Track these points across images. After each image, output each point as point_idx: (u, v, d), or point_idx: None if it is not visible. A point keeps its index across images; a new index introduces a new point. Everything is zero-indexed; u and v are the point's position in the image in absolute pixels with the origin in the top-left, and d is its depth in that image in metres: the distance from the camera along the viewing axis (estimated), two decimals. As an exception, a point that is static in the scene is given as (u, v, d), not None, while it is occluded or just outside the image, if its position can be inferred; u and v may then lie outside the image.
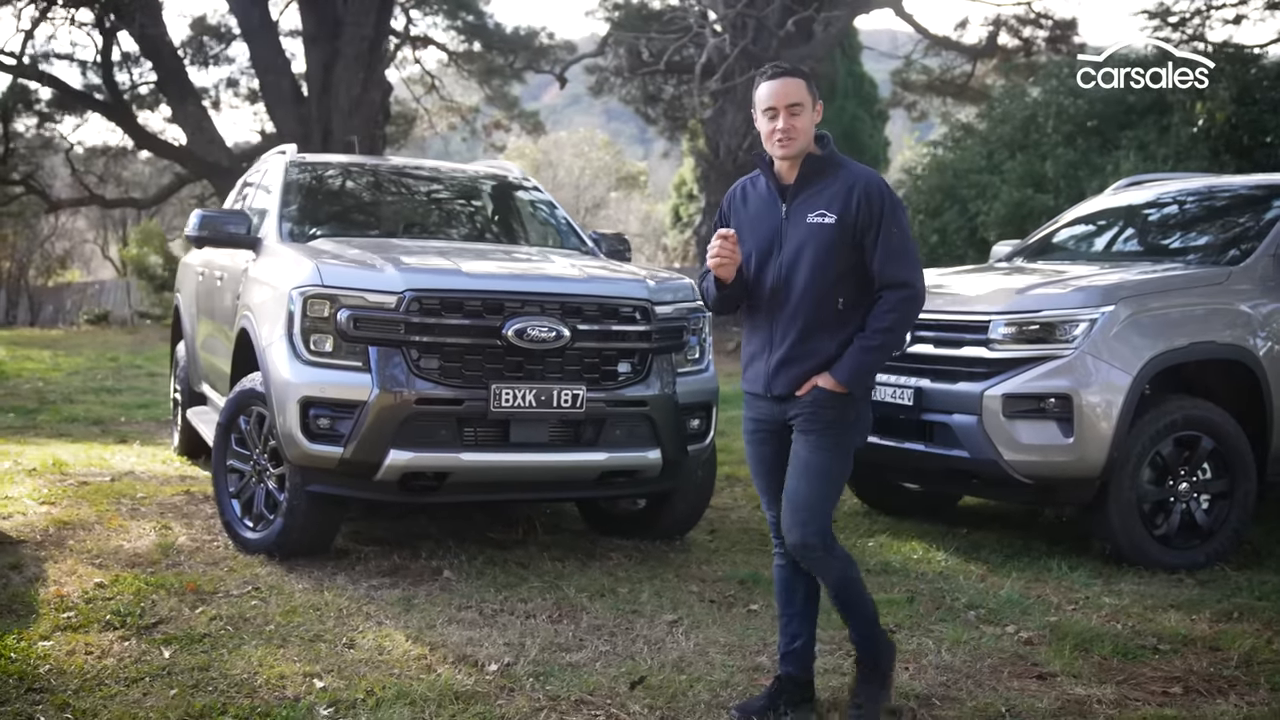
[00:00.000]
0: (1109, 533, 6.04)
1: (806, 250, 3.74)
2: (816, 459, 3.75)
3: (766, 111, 3.78)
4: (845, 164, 3.84)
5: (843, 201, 3.73)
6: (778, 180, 3.85)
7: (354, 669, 4.36)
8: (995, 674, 4.47)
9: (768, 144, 3.81)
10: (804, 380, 3.76)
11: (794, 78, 3.79)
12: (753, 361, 3.90)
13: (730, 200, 3.99)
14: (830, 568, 3.82)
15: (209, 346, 7.83)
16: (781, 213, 3.82)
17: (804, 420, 3.77)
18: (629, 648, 4.67)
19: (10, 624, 4.76)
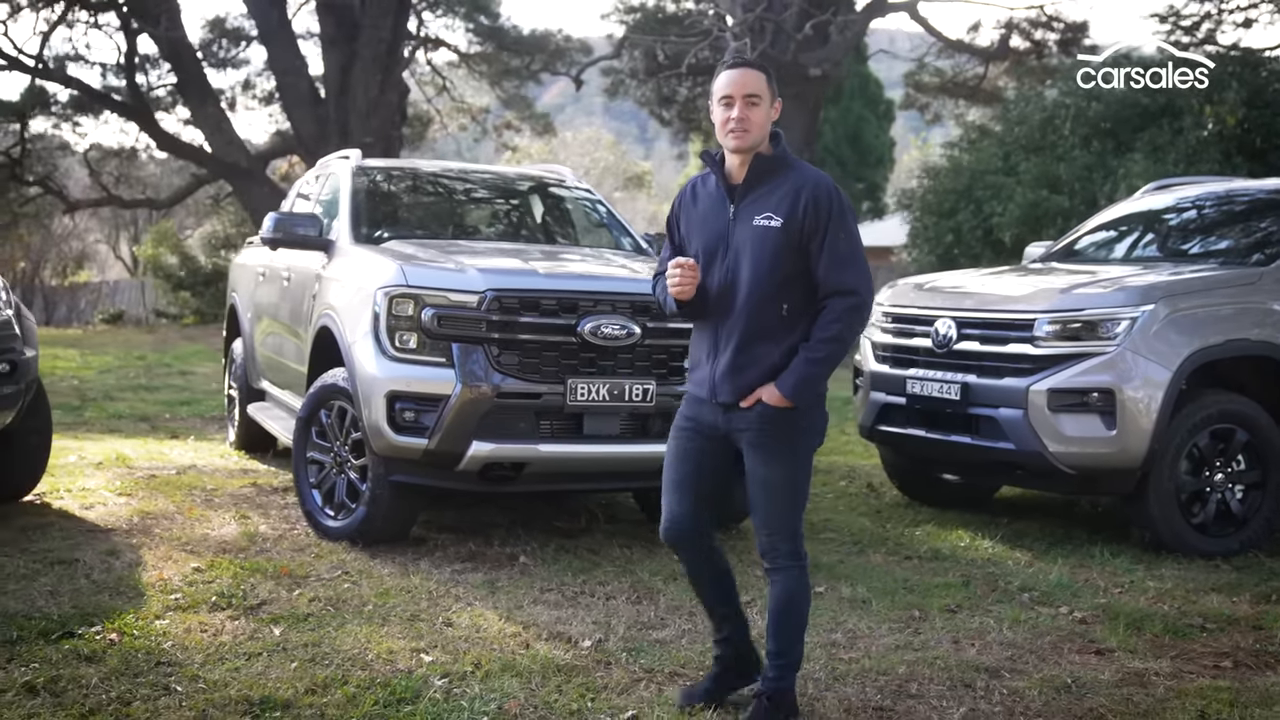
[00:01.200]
0: (1148, 521, 6.33)
1: (751, 253, 3.65)
2: (774, 473, 3.71)
3: (722, 100, 3.68)
4: (796, 165, 3.76)
5: (790, 204, 3.64)
6: (727, 179, 3.76)
7: (455, 645, 4.65)
8: (1056, 650, 4.76)
9: (721, 135, 3.70)
10: (749, 389, 3.68)
11: (755, 70, 3.72)
12: (698, 366, 3.83)
13: (681, 198, 3.91)
14: (791, 574, 3.79)
15: (271, 344, 8.11)
16: (729, 213, 3.72)
17: (753, 434, 3.71)
18: (709, 627, 4.95)
19: (123, 605, 5.05)
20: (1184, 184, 8.27)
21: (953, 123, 28.24)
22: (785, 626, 3.83)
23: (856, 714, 4.02)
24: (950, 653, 4.68)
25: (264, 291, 8.34)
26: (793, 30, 18.36)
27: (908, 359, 7.05)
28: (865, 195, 36.99)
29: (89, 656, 4.42)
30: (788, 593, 3.81)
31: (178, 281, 30.62)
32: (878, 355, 7.28)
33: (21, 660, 4.35)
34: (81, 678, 4.19)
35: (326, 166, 8.30)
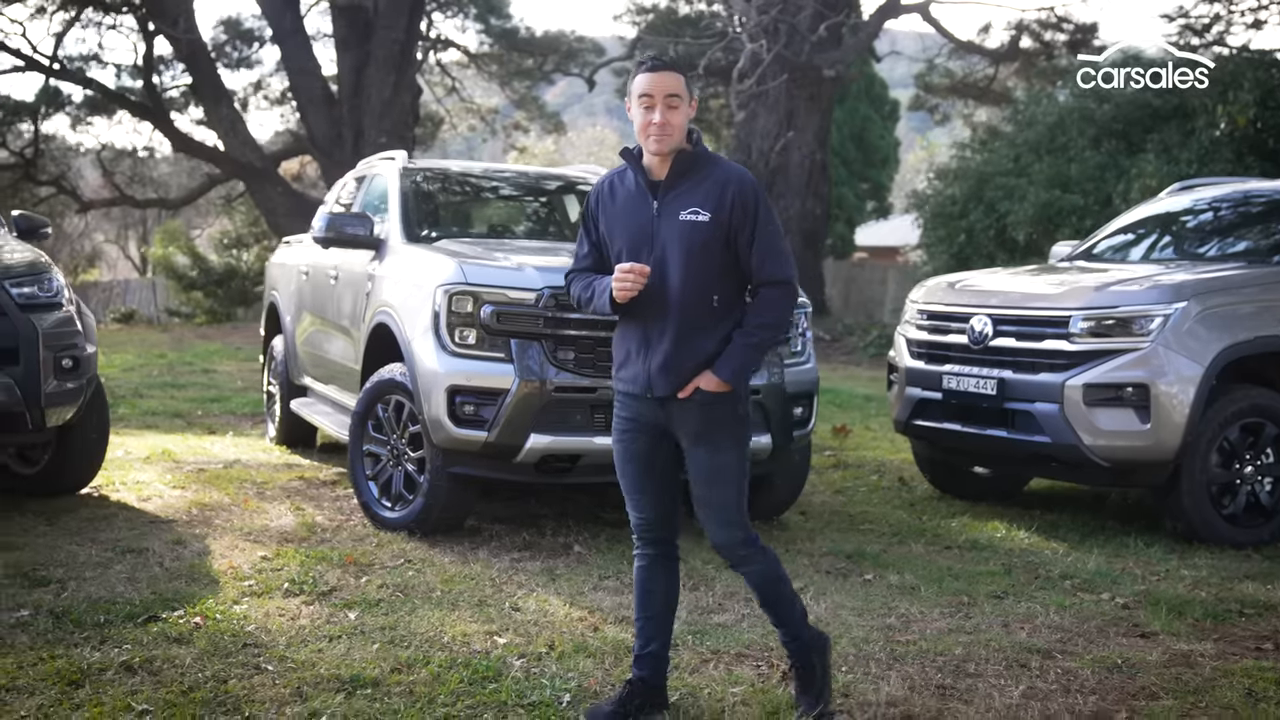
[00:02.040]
0: (1180, 512, 6.53)
1: (680, 248, 3.66)
2: (720, 462, 3.73)
3: (642, 99, 3.66)
4: (717, 161, 3.79)
5: (716, 199, 3.66)
6: (647, 176, 3.75)
7: (525, 628, 4.84)
8: (1103, 632, 4.95)
9: (641, 137, 3.69)
10: (685, 382, 3.69)
11: (673, 71, 3.71)
12: (628, 362, 3.81)
13: (598, 196, 3.88)
14: (756, 565, 3.82)
15: (316, 341, 8.30)
16: (653, 210, 3.72)
17: (694, 425, 3.72)
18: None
19: (200, 591, 5.24)
20: (1206, 185, 8.45)
21: (961, 122, 28.46)
22: (777, 604, 3.87)
23: (919, 691, 4.21)
24: (1002, 635, 4.87)
25: (308, 290, 8.52)
26: (807, 32, 18.54)
27: (943, 355, 7.24)
28: (870, 195, 37.16)
29: (177, 638, 4.61)
30: (765, 576, 3.83)
31: (189, 281, 30.79)
32: (913, 352, 7.47)
33: (114, 641, 4.54)
34: (174, 658, 4.37)
35: (370, 167, 8.48)
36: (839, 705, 4.05)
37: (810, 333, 6.67)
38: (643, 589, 3.96)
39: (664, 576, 3.95)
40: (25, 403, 6.30)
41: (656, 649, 3.94)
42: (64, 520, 6.51)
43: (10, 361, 6.26)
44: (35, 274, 6.59)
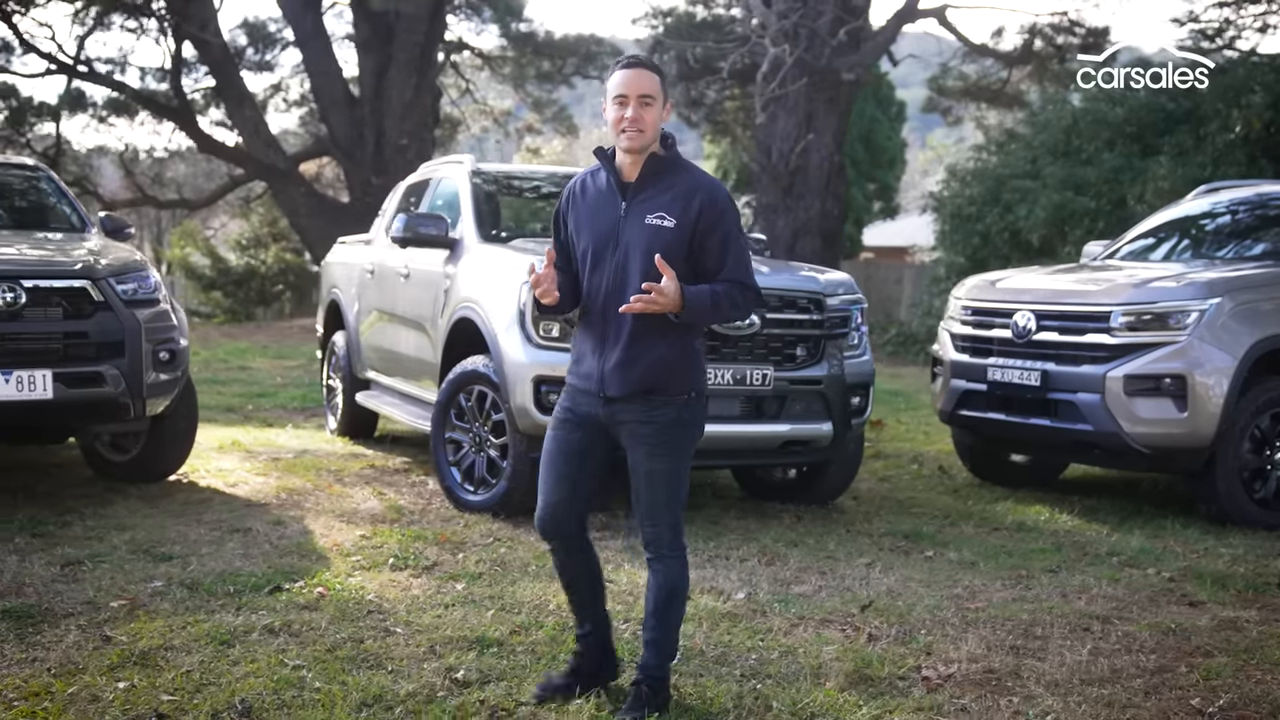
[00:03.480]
0: (1214, 496, 6.94)
1: (642, 251, 3.69)
2: (659, 466, 3.79)
3: (617, 99, 3.68)
4: (688, 168, 3.81)
5: (683, 206, 3.70)
6: (618, 176, 3.78)
7: (621, 597, 5.26)
8: (1154, 602, 5.37)
9: (614, 133, 3.72)
10: (640, 383, 3.74)
11: (649, 70, 3.73)
12: (584, 359, 3.84)
13: (570, 194, 3.90)
14: (670, 568, 3.87)
15: (384, 336, 8.70)
16: (620, 210, 3.75)
17: (637, 427, 3.77)
18: (841, 583, 5.57)
19: (312, 565, 5.65)
20: (1231, 187, 8.86)
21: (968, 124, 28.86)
22: (666, 615, 3.89)
23: (995, 650, 4.63)
24: (1061, 604, 5.29)
25: (373, 287, 8.92)
26: (827, 36, 18.95)
27: (986, 349, 7.65)
28: (878, 195, 37.56)
29: (306, 606, 5.02)
30: (670, 582, 3.87)
31: (208, 281, 31.21)
32: (957, 345, 7.88)
33: (249, 608, 4.95)
34: (309, 622, 4.78)
35: (435, 171, 8.88)
36: (923, 662, 4.46)
37: (865, 327, 7.07)
38: (564, 583, 4.08)
39: (580, 566, 4.01)
40: (130, 393, 6.71)
41: (593, 628, 4.04)
42: (164, 503, 6.92)
43: (116, 354, 6.68)
44: (135, 271, 7.00)
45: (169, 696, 3.98)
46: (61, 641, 4.51)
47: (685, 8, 24.40)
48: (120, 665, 4.26)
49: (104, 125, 29.14)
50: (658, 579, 3.90)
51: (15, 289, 6.38)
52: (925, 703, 4.05)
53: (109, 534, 6.13)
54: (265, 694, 4.01)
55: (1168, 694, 4.19)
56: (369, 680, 4.15)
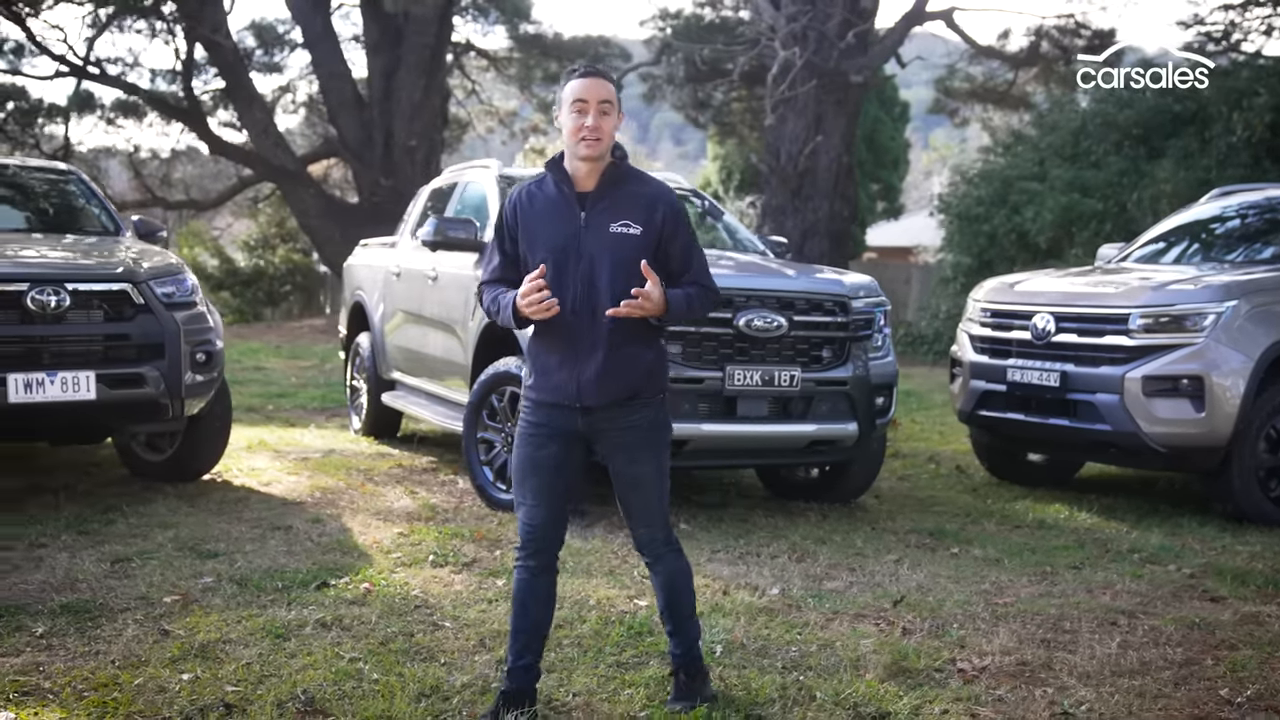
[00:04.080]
0: (1230, 495, 7.09)
1: (610, 260, 3.68)
2: (646, 469, 3.82)
3: (575, 104, 3.66)
4: (643, 176, 3.85)
5: (646, 213, 3.71)
6: (573, 185, 3.77)
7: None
8: (1177, 597, 5.52)
9: (571, 141, 3.69)
10: (625, 390, 3.75)
11: (606, 79, 3.73)
12: (553, 372, 3.77)
13: (515, 205, 3.83)
14: (670, 559, 3.94)
15: (409, 338, 8.85)
16: (580, 220, 3.72)
17: (621, 433, 3.77)
18: (871, 579, 5.72)
19: (355, 562, 5.80)
20: (1245, 190, 9.00)
21: (975, 125, 29.00)
22: (680, 605, 3.96)
23: (1026, 644, 4.77)
24: (1087, 599, 5.43)
25: (400, 290, 9.06)
26: (835, 38, 19.09)
27: (1005, 350, 7.80)
28: (881, 196, 37.73)
29: (354, 601, 5.17)
30: (674, 574, 3.94)
31: (216, 282, 31.33)
32: (976, 347, 8.03)
33: (299, 603, 5.10)
34: (359, 616, 4.93)
35: (460, 175, 9.01)
36: (958, 655, 4.61)
37: (888, 329, 7.22)
38: (521, 603, 3.86)
39: (544, 589, 3.88)
40: (169, 394, 6.86)
41: (530, 661, 3.88)
42: (203, 502, 7.07)
43: (157, 356, 6.83)
44: (173, 274, 7.15)
45: (232, 687, 4.12)
46: (121, 635, 4.65)
47: (693, 10, 24.55)
48: (181, 658, 4.40)
49: (112, 127, 29.31)
50: (661, 577, 3.98)
51: (59, 292, 6.52)
52: (963, 693, 4.20)
53: (153, 531, 6.28)
54: (325, 685, 4.15)
55: (1196, 685, 4.33)
56: (424, 672, 4.30)
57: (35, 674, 4.24)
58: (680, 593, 3.98)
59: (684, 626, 4.00)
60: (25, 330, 6.47)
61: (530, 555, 3.87)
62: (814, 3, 19.17)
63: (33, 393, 6.41)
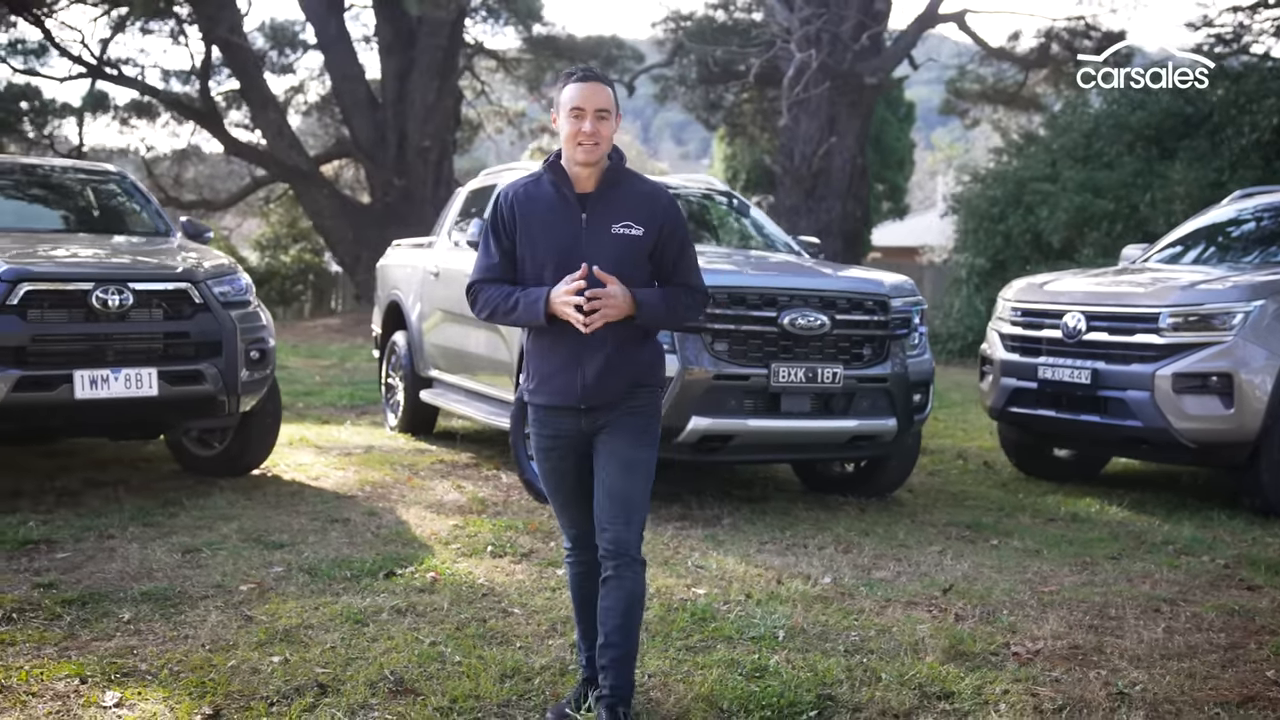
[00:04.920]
0: (1258, 489, 7.28)
1: (613, 260, 3.67)
2: (640, 455, 3.76)
3: (573, 112, 3.65)
4: (640, 178, 3.85)
5: (647, 214, 3.73)
6: (572, 186, 3.75)
7: (715, 581, 5.59)
8: (1214, 586, 5.71)
9: (569, 146, 3.68)
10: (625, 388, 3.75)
11: (602, 84, 3.72)
12: (554, 376, 3.76)
13: (511, 204, 3.79)
14: (637, 577, 3.79)
15: (449, 336, 9.03)
16: (580, 221, 3.72)
17: (622, 417, 3.76)
18: (917, 569, 5.92)
19: (416, 553, 5.99)
20: (1265, 193, 9.19)
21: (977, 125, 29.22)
22: (632, 626, 3.79)
23: (1075, 629, 4.97)
24: (1128, 588, 5.63)
25: (439, 289, 9.25)
26: (849, 40, 19.29)
27: (1036, 348, 7.99)
28: (886, 196, 37.95)
29: (423, 589, 5.36)
30: (636, 590, 3.79)
31: (229, 280, 31.45)
32: (1007, 345, 8.22)
33: (370, 591, 5.29)
34: (431, 604, 5.13)
35: (499, 177, 9.20)
36: (1011, 639, 4.80)
37: (925, 328, 7.42)
38: (581, 600, 3.98)
39: (596, 581, 3.91)
40: (226, 390, 7.06)
41: (591, 646, 3.96)
42: (258, 496, 7.27)
43: (215, 353, 7.03)
44: (228, 274, 7.35)
45: (321, 669, 4.32)
46: (206, 621, 4.85)
47: (704, 12, 24.76)
48: (268, 642, 4.60)
49: (126, 127, 29.50)
50: (622, 588, 3.75)
51: (123, 291, 6.72)
52: (1021, 675, 4.39)
53: (216, 523, 6.48)
54: (411, 666, 4.35)
55: (1243, 667, 4.53)
56: (503, 655, 4.49)
57: (130, 657, 4.43)
58: (636, 610, 3.79)
59: (632, 651, 3.81)
60: (90, 329, 6.66)
61: (580, 550, 3.97)
62: (828, 5, 19.41)
63: (98, 389, 6.61)
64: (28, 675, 4.20)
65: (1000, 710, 4.05)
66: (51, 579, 5.36)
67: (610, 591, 3.78)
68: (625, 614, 3.77)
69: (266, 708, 3.98)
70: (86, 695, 4.05)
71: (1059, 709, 4.07)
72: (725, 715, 4.01)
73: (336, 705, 4.01)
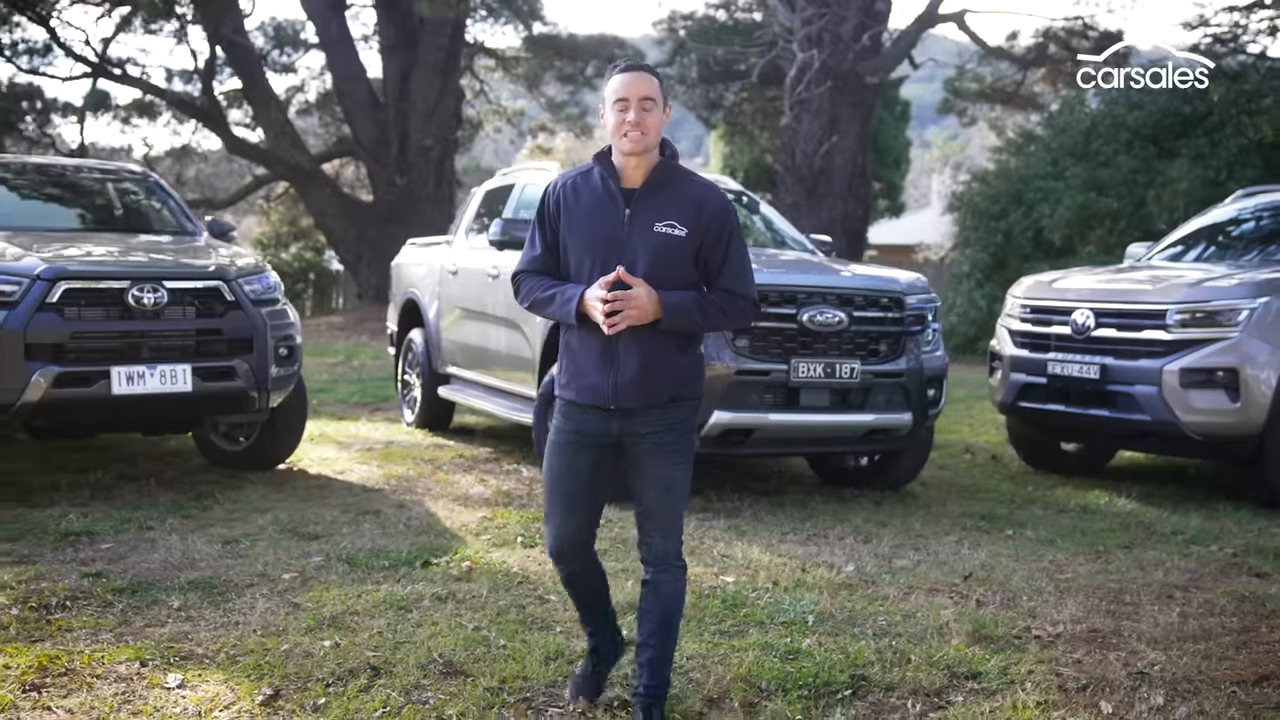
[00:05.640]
0: (1263, 480, 7.48)
1: (652, 260, 3.61)
2: (679, 474, 3.73)
3: (617, 104, 3.62)
4: (691, 176, 3.76)
5: (693, 215, 3.63)
6: (619, 180, 3.70)
7: (743, 570, 5.77)
8: (1224, 573, 5.91)
9: (615, 137, 3.64)
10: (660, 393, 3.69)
11: (648, 74, 3.68)
12: (585, 373, 3.71)
13: (559, 196, 3.75)
14: (678, 579, 3.82)
15: (468, 333, 9.20)
16: (624, 216, 3.66)
17: (661, 435, 3.70)
18: (936, 558, 6.10)
19: (449, 543, 6.17)
20: (1267, 192, 9.38)
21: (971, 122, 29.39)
22: (671, 629, 3.82)
23: (1093, 614, 5.15)
24: (1141, 575, 5.82)
25: (457, 287, 9.42)
26: (850, 40, 19.48)
27: (1045, 344, 8.18)
28: (883, 194, 38.16)
29: (459, 578, 5.53)
30: (678, 593, 3.82)
31: (229, 278, 31.58)
32: (1016, 341, 8.41)
33: (408, 580, 5.46)
34: (470, 591, 5.30)
35: (517, 176, 9.37)
36: (1032, 623, 4.98)
37: (938, 325, 7.60)
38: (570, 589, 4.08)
39: (588, 576, 4.00)
40: (257, 386, 7.22)
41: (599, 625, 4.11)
42: (288, 489, 7.44)
43: (246, 350, 7.20)
44: (258, 273, 7.52)
45: (372, 652, 4.49)
46: (254, 608, 5.02)
47: (705, 12, 24.95)
48: (317, 627, 4.77)
49: (128, 126, 29.64)
50: (663, 591, 3.79)
51: (158, 289, 6.88)
52: (1044, 656, 4.58)
53: (251, 516, 6.65)
54: (458, 650, 4.52)
55: (1256, 648, 4.72)
56: (545, 639, 4.67)
57: (185, 642, 4.60)
58: (677, 614, 3.82)
59: (669, 653, 3.84)
60: (126, 325, 6.83)
61: (565, 562, 3.93)
62: (830, 5, 19.58)
63: (134, 385, 6.77)
64: (89, 659, 4.37)
65: (1026, 689, 4.22)
66: (99, 569, 5.52)
67: (650, 594, 3.81)
68: (664, 617, 3.78)
69: (323, 688, 4.15)
70: (149, 677, 4.22)
71: (1082, 688, 4.25)
72: (764, 694, 4.18)
73: (391, 686, 4.17)
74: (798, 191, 20.38)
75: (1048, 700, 4.13)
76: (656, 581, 3.81)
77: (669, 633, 3.81)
